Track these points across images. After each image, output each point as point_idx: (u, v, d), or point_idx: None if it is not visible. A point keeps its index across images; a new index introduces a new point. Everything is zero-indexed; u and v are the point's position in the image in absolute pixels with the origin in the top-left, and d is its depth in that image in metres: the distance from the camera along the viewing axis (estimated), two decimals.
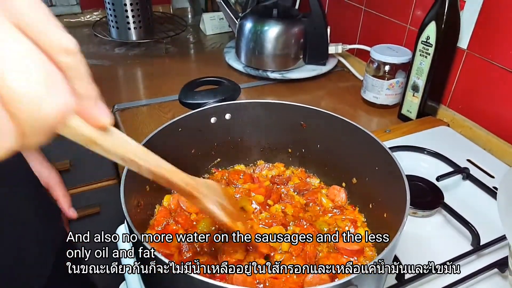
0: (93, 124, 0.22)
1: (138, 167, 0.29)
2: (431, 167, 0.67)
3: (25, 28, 0.17)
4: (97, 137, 0.23)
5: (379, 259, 0.32)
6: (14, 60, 0.15)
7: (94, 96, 0.21)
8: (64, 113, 0.18)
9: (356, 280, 0.31)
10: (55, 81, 0.17)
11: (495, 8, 0.71)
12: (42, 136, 0.17)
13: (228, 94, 0.55)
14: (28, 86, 0.16)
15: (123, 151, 0.27)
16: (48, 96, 0.16)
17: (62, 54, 0.18)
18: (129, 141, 0.28)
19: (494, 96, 0.75)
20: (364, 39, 1.05)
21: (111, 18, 1.16)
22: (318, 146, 0.55)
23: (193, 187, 0.36)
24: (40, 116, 0.16)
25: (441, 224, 0.58)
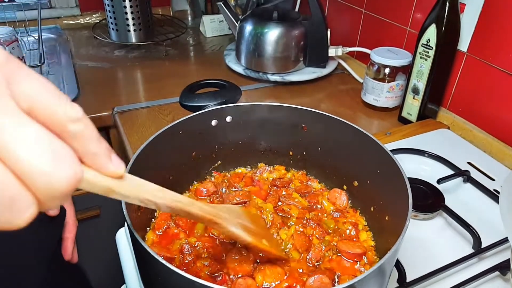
0: (109, 176, 0.25)
1: (156, 205, 0.31)
2: (432, 169, 0.66)
3: (34, 111, 0.20)
4: (114, 186, 0.25)
5: (382, 263, 0.32)
6: (24, 145, 0.18)
7: (106, 151, 0.24)
8: (74, 181, 0.20)
9: (359, 284, 0.30)
10: (62, 156, 0.19)
11: (495, 10, 0.71)
12: (59, 200, 0.20)
13: (229, 97, 0.55)
14: (39, 166, 0.18)
15: (139, 194, 0.29)
16: (57, 171, 0.19)
17: (69, 124, 0.21)
18: (144, 183, 0.30)
19: (494, 99, 0.75)
20: (364, 41, 1.05)
21: (111, 20, 1.16)
22: (319, 149, 0.55)
23: (212, 213, 0.37)
24: (52, 188, 0.19)
25: (442, 226, 0.58)
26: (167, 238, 0.48)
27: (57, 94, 0.20)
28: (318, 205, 0.54)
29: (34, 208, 0.19)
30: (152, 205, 0.30)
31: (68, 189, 0.19)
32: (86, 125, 0.22)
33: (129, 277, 0.54)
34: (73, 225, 0.58)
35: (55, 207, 0.21)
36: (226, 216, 0.39)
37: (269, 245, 0.42)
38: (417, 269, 0.50)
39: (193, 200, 0.36)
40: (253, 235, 0.41)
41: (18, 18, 1.23)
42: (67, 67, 1.08)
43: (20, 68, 0.20)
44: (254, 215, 0.48)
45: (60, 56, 1.14)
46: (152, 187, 0.31)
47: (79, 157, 0.22)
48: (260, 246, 0.41)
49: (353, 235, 0.49)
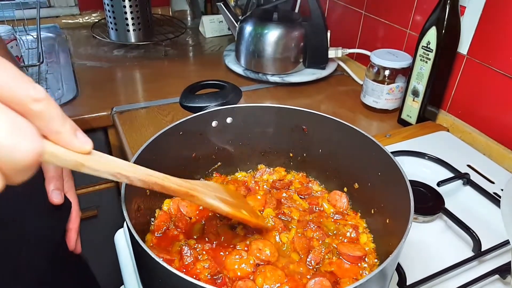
0: (77, 152, 0.26)
1: (128, 178, 0.32)
2: (432, 172, 0.66)
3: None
4: (83, 160, 0.27)
5: (384, 266, 0.32)
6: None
7: (70, 130, 0.25)
8: (34, 155, 0.21)
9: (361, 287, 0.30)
10: (23, 131, 0.21)
11: (496, 13, 0.71)
12: (25, 174, 0.22)
13: (229, 98, 0.55)
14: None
15: (110, 168, 0.30)
16: (17, 144, 0.20)
17: (32, 103, 0.22)
18: (115, 159, 0.31)
19: (494, 102, 0.75)
20: (364, 43, 1.05)
21: (110, 19, 1.16)
22: (320, 150, 0.55)
23: (188, 187, 0.38)
24: (14, 160, 0.20)
25: (442, 229, 0.58)
26: (166, 239, 0.48)
27: (20, 78, 0.22)
28: (318, 207, 0.54)
29: (1, 181, 0.21)
30: (125, 179, 0.32)
31: (29, 162, 0.21)
32: (49, 105, 0.23)
33: (127, 277, 0.53)
34: (76, 216, 0.59)
35: (21, 181, 0.22)
36: (203, 190, 0.41)
37: (249, 215, 0.45)
38: (417, 272, 0.50)
39: (168, 176, 0.37)
40: (232, 206, 0.43)
41: (17, 17, 1.22)
42: (66, 66, 1.08)
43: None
44: (232, 190, 0.51)
45: (59, 56, 1.14)
46: (123, 162, 0.32)
47: (45, 135, 0.24)
48: (240, 215, 0.43)
49: (353, 238, 0.49)
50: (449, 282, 0.50)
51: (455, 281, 0.50)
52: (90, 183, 1.00)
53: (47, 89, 0.96)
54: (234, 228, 0.49)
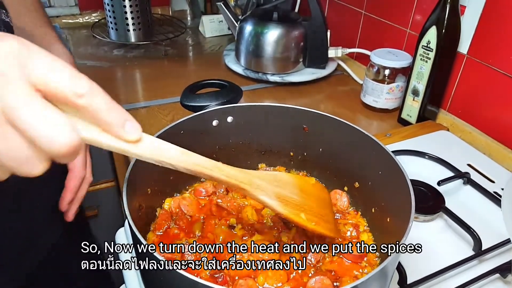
0: (125, 141, 0.28)
1: (172, 166, 0.33)
2: (432, 171, 0.66)
3: (45, 90, 0.24)
4: (128, 148, 0.29)
5: (385, 265, 0.32)
6: (32, 118, 0.23)
7: (118, 121, 0.27)
8: (71, 146, 0.24)
9: (362, 286, 0.30)
10: (61, 125, 0.23)
11: (496, 13, 0.72)
12: (66, 158, 0.24)
13: (230, 97, 0.55)
14: (42, 133, 0.23)
15: (155, 156, 0.31)
16: (55, 136, 0.23)
17: (77, 99, 0.24)
18: (163, 146, 0.32)
19: (494, 101, 0.76)
20: (364, 43, 1.05)
21: (110, 19, 1.16)
22: (320, 149, 0.55)
23: (239, 179, 0.38)
24: (54, 149, 0.23)
25: (443, 228, 0.58)
26: (167, 238, 0.48)
27: (65, 72, 0.24)
28: None
29: (45, 163, 0.24)
30: (169, 166, 0.32)
31: (66, 151, 0.23)
32: (92, 98, 0.25)
33: (128, 277, 0.53)
34: (77, 177, 0.59)
35: (68, 162, 0.25)
36: (260, 184, 0.39)
37: (309, 219, 0.41)
38: (417, 271, 0.50)
39: (219, 164, 0.37)
40: (291, 207, 0.41)
41: None
42: None
43: (31, 53, 0.24)
44: (308, 185, 0.46)
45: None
46: (170, 151, 0.32)
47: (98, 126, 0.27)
48: (292, 218, 0.41)
49: (354, 236, 0.49)
50: (449, 281, 0.50)
51: (455, 280, 0.50)
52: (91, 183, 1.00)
53: None
54: (232, 227, 0.49)
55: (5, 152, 0.23)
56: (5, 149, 0.23)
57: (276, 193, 0.41)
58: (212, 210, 0.52)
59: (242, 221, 0.50)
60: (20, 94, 0.23)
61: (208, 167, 0.36)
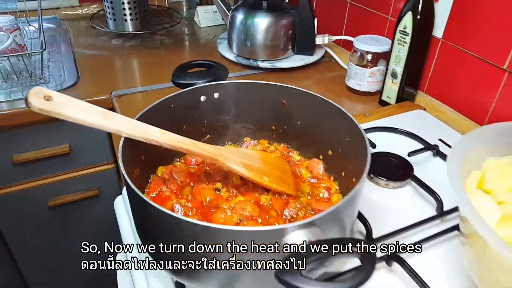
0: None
1: (157, 142, 0.45)
2: (404, 145, 0.72)
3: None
4: (122, 129, 0.43)
5: (340, 204, 0.38)
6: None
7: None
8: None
9: (319, 222, 0.36)
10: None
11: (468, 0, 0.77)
12: None
13: (217, 75, 0.60)
14: None
15: (142, 134, 0.45)
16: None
17: None
18: (148, 127, 0.46)
19: (467, 82, 0.81)
20: (350, 30, 1.10)
21: (109, 10, 1.21)
22: (298, 122, 0.61)
23: (211, 152, 0.49)
24: None
25: (411, 194, 0.64)
26: (160, 200, 0.54)
27: None
28: (296, 173, 0.60)
29: None
30: (155, 142, 0.45)
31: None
32: None
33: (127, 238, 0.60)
34: None
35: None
36: (228, 155, 0.51)
37: (270, 181, 0.52)
38: (385, 229, 0.55)
39: (195, 141, 0.48)
40: (255, 172, 0.52)
41: (19, 8, 1.27)
42: (66, 55, 1.14)
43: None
44: (270, 157, 0.58)
45: (60, 45, 1.19)
46: (154, 130, 0.45)
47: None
48: (258, 180, 0.52)
49: (326, 197, 0.55)
50: (413, 237, 0.56)
51: (419, 235, 0.56)
52: (92, 165, 1.06)
53: (50, 76, 1.02)
54: (218, 190, 0.55)
55: None
56: None
57: (242, 163, 0.52)
58: (201, 177, 0.58)
59: (228, 185, 0.56)
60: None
61: (186, 143, 0.47)
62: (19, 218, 1.05)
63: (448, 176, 0.42)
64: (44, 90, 0.42)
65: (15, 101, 0.91)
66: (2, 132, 0.90)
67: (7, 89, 0.95)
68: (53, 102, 0.42)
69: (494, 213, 0.40)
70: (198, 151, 0.48)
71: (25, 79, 0.99)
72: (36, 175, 1.01)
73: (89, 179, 1.07)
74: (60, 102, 0.42)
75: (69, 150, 0.99)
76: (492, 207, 0.41)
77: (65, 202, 1.06)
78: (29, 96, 0.40)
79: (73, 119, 0.43)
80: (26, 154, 0.96)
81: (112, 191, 1.08)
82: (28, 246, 1.12)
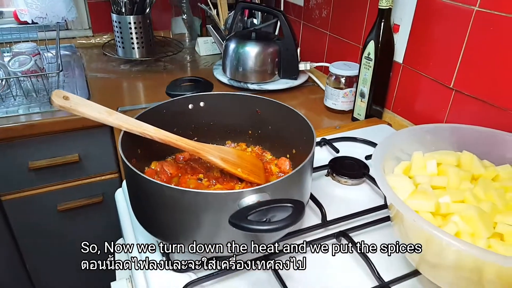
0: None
1: (151, 136, 0.58)
2: (364, 151, 0.84)
3: None
4: (121, 123, 0.57)
5: (284, 177, 0.50)
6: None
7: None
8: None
9: (267, 188, 0.48)
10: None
11: (422, 30, 0.91)
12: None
13: (203, 89, 0.74)
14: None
15: (139, 129, 0.58)
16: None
17: None
18: (143, 124, 0.59)
19: (425, 100, 0.94)
20: (329, 57, 1.25)
21: (119, 39, 1.38)
22: (269, 127, 0.73)
23: (196, 146, 0.61)
24: None
25: (366, 190, 0.75)
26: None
27: None
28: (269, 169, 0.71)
29: None
30: (148, 136, 0.58)
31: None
32: None
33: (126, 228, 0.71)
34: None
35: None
36: (209, 150, 0.63)
37: (243, 172, 0.64)
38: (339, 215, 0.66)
39: (182, 138, 0.61)
40: (230, 164, 0.63)
41: (39, 37, 1.45)
42: (80, 78, 1.29)
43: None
44: (245, 155, 0.69)
45: (74, 69, 1.35)
46: (148, 126, 0.59)
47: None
48: (232, 170, 0.63)
49: None
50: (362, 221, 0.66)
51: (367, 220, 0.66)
52: (97, 173, 1.18)
53: None
54: (200, 180, 0.67)
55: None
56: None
57: (220, 157, 0.64)
58: (187, 170, 0.70)
59: (209, 176, 0.68)
60: None
61: (174, 138, 0.60)
62: (30, 220, 1.17)
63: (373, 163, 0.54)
64: (62, 92, 0.55)
65: (33, 114, 1.05)
66: (21, 141, 1.04)
67: (27, 104, 1.09)
68: (70, 101, 0.55)
69: (408, 189, 0.51)
70: (183, 144, 0.61)
71: (43, 96, 1.14)
72: (48, 181, 1.13)
73: (95, 187, 1.19)
74: (75, 101, 0.55)
75: (78, 159, 1.11)
76: (406, 185, 0.52)
77: (72, 207, 1.17)
78: (52, 96, 0.53)
79: (85, 115, 0.56)
80: (41, 161, 1.08)
81: (115, 198, 1.19)
82: (37, 248, 1.22)
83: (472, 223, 0.44)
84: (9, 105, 1.08)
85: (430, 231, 0.41)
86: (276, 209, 0.44)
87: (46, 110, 1.06)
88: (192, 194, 0.47)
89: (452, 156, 0.57)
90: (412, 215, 0.43)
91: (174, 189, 0.48)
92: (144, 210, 0.55)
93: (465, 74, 0.82)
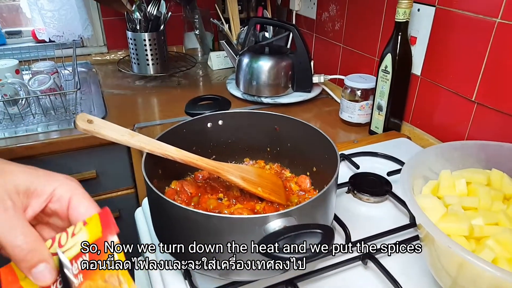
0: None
1: (172, 157, 0.58)
2: (385, 167, 0.82)
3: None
4: (148, 147, 0.56)
5: (310, 200, 0.49)
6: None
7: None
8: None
9: (293, 212, 0.47)
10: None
11: (439, 41, 0.90)
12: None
13: (221, 107, 0.73)
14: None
15: (162, 151, 0.57)
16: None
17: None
18: (166, 146, 0.58)
19: (445, 113, 0.92)
20: (343, 70, 1.24)
21: (133, 56, 1.39)
22: (288, 144, 0.72)
23: (215, 166, 0.61)
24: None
25: (390, 207, 0.74)
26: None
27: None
28: (287, 188, 0.70)
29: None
30: (170, 157, 0.57)
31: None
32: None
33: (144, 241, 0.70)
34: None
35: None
36: (228, 169, 0.62)
37: (263, 191, 0.63)
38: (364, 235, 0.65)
39: (202, 157, 0.60)
40: (251, 183, 0.62)
41: (56, 55, 1.47)
42: (96, 94, 1.30)
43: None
44: (265, 173, 0.68)
45: (90, 86, 1.37)
46: (171, 148, 0.58)
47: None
48: (253, 190, 0.62)
49: None
50: (387, 241, 0.65)
51: (392, 240, 0.65)
52: (114, 189, 1.18)
53: (81, 111, 1.18)
54: (220, 199, 0.66)
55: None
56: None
57: (240, 176, 0.63)
58: (206, 189, 0.69)
59: (228, 196, 0.67)
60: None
61: (195, 158, 0.59)
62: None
63: (401, 184, 0.52)
64: (87, 115, 0.55)
65: (52, 132, 1.06)
66: (40, 158, 1.05)
67: (45, 122, 1.11)
68: (93, 124, 0.55)
69: (439, 211, 0.50)
70: (204, 164, 0.60)
71: (61, 114, 1.15)
72: None
73: (111, 202, 1.19)
74: (99, 125, 0.55)
75: (95, 175, 1.12)
76: (437, 206, 0.50)
77: None
78: (76, 120, 0.53)
79: (108, 138, 0.56)
80: None
81: (131, 213, 1.19)
82: None
83: (509, 248, 0.43)
84: (29, 123, 1.10)
85: (467, 258, 0.39)
86: (305, 235, 0.43)
87: (64, 128, 1.07)
88: (217, 219, 0.47)
89: (481, 174, 0.55)
90: (447, 241, 0.42)
91: (199, 214, 0.47)
92: (168, 233, 0.54)
93: (488, 87, 0.80)
